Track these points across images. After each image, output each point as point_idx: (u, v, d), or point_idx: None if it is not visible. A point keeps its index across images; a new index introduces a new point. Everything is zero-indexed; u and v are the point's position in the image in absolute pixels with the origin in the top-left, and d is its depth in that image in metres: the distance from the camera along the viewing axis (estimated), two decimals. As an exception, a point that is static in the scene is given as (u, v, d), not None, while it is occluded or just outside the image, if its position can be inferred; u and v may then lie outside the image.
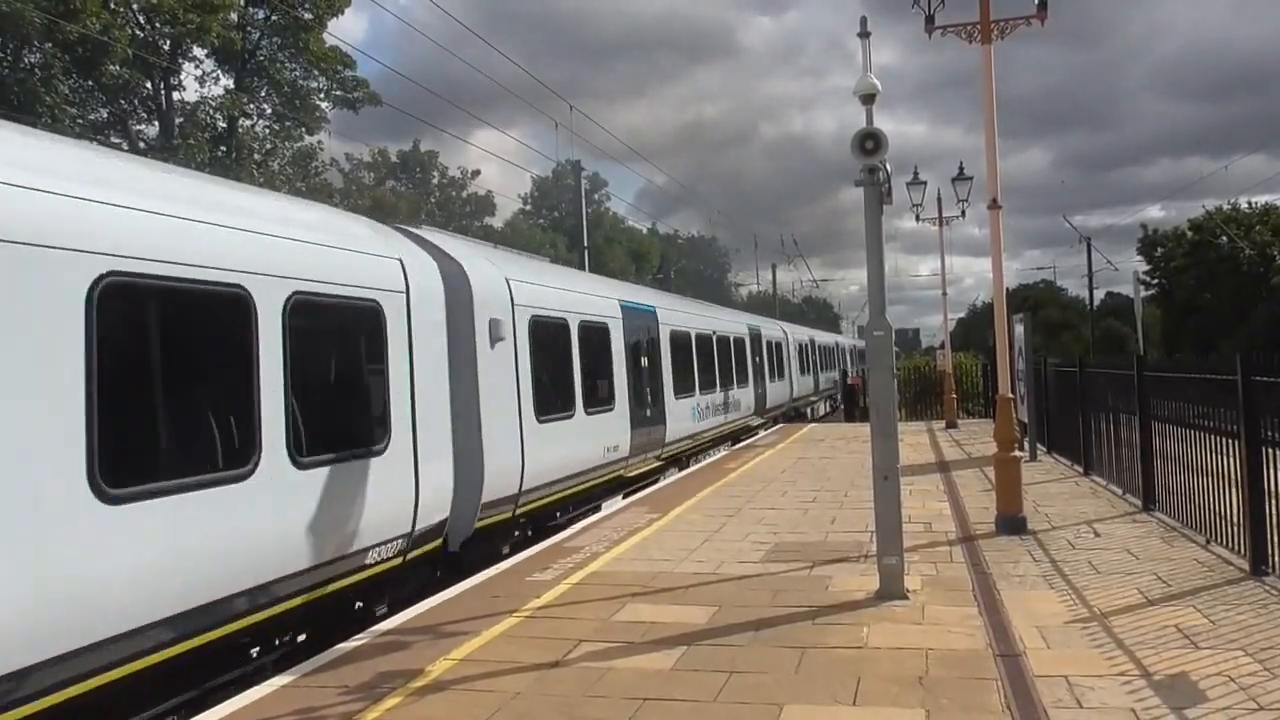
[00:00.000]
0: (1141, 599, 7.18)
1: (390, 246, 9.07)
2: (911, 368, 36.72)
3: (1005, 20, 10.78)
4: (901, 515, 7.74)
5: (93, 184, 5.77)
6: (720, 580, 8.38)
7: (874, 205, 7.81)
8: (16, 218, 5.13)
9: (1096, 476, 13.30)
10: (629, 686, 5.74)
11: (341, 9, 31.43)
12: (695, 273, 79.78)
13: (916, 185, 22.39)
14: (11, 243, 5.07)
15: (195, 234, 6.40)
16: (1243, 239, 52.49)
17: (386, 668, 6.28)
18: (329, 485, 7.38)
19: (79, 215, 5.53)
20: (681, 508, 12.52)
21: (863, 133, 7.70)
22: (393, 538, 8.35)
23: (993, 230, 11.19)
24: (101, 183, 5.88)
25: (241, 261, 6.72)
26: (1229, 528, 8.18)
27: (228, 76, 31.01)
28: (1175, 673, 5.59)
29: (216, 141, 29.84)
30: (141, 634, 5.67)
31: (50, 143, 6.36)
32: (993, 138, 10.90)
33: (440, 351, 9.43)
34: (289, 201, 9.80)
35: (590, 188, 59.08)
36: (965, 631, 6.58)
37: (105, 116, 28.93)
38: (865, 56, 8.33)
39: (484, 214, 61.98)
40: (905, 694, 5.45)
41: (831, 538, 10.11)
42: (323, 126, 33.25)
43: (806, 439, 22.63)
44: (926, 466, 16.08)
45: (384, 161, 58.18)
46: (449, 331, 9.67)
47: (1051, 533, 9.85)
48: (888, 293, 8.04)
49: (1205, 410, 8.78)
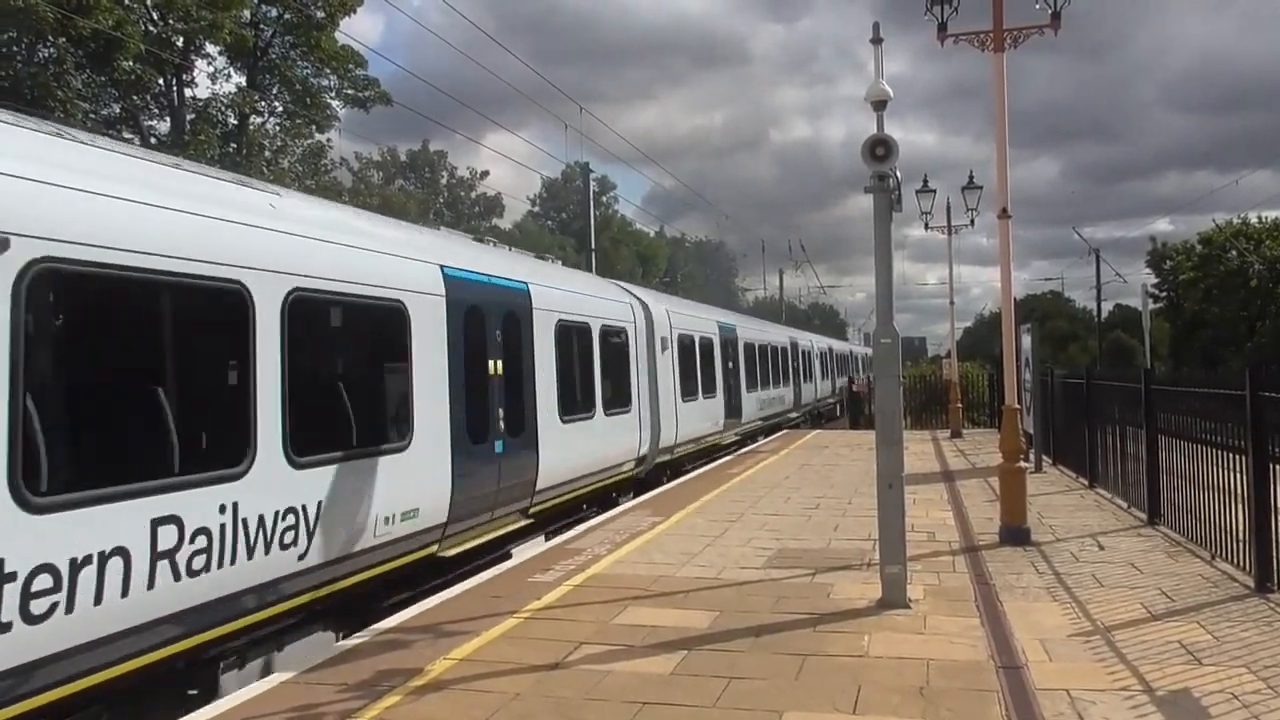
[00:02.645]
0: (1145, 613, 7.14)
1: (625, 295, 16.81)
2: (917, 376, 36.66)
3: (1018, 29, 10.75)
4: (905, 524, 7.72)
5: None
6: (722, 585, 8.36)
7: (883, 212, 7.80)
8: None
9: (1101, 489, 13.25)
10: (628, 690, 5.73)
11: (354, 8, 31.46)
12: (702, 277, 79.72)
13: (926, 193, 22.38)
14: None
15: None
16: (1252, 253, 52.30)
17: (386, 666, 6.27)
18: (615, 427, 14.72)
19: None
20: (684, 512, 12.50)
21: (873, 139, 7.68)
22: (631, 459, 15.71)
23: (1001, 240, 11.17)
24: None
25: (588, 310, 14.04)
26: (1234, 543, 8.13)
27: (239, 74, 31.11)
28: (1178, 688, 5.56)
29: (227, 138, 29.90)
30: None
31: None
32: (1003, 146, 10.87)
33: (647, 357, 16.71)
34: (589, 279, 17.92)
35: (599, 190, 59.23)
36: (967, 642, 6.55)
37: (118, 112, 29.00)
38: (877, 62, 8.31)
39: (492, 215, 62.11)
40: (906, 704, 5.42)
41: (834, 545, 10.08)
42: (333, 125, 33.33)
43: (810, 445, 22.57)
44: (931, 475, 16.03)
45: (393, 161, 58.31)
46: (647, 344, 16.77)
47: (1055, 545, 9.81)
48: (895, 300, 8.01)
49: (1212, 425, 8.74)
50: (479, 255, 11.42)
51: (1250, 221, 54.55)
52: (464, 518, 9.65)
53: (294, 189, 24.60)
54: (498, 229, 59.94)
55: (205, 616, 6.20)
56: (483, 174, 61.43)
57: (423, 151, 59.47)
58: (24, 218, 5.10)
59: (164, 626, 5.87)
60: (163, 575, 5.79)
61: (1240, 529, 7.95)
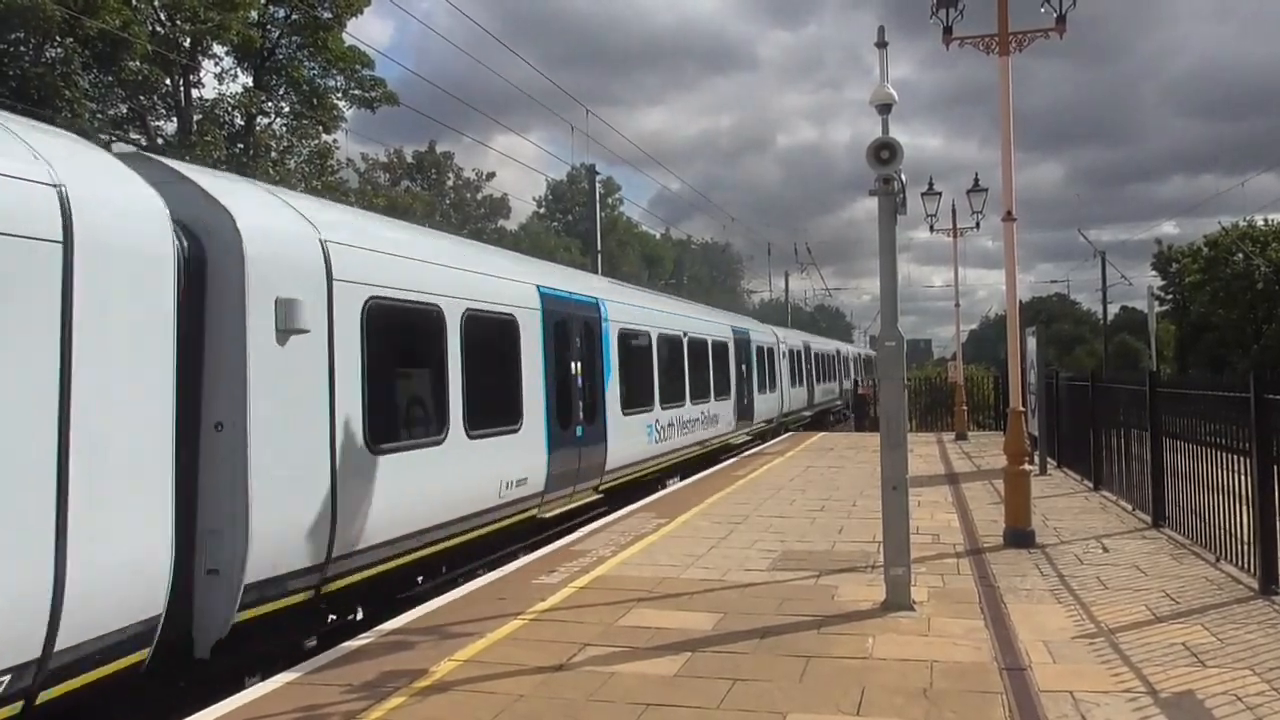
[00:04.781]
0: (1149, 615, 7.15)
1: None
2: (922, 378, 36.63)
3: (1023, 32, 10.75)
4: (909, 526, 7.72)
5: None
6: (726, 587, 8.37)
7: (888, 215, 7.81)
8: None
9: (1106, 492, 13.23)
10: (632, 691, 5.75)
11: (360, 9, 31.52)
12: (708, 279, 79.69)
13: (931, 196, 22.34)
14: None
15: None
16: (1258, 256, 52.18)
17: (391, 667, 6.29)
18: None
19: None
20: (689, 514, 12.51)
21: (878, 142, 7.69)
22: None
23: (1007, 242, 11.16)
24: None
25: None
26: (1239, 546, 8.13)
27: (246, 74, 31.18)
28: (1181, 690, 5.56)
29: (233, 139, 29.98)
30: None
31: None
32: (1009, 150, 10.87)
33: (777, 361, 26.09)
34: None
35: (604, 192, 59.23)
36: (971, 644, 6.55)
37: (124, 112, 29.10)
38: (882, 66, 8.30)
39: (498, 216, 62.07)
40: (909, 706, 5.43)
41: (839, 547, 10.09)
42: (340, 125, 33.39)
43: (816, 448, 22.58)
44: (935, 478, 16.02)
45: (399, 162, 58.27)
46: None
47: (1060, 547, 9.81)
48: (900, 303, 8.03)
49: (1217, 427, 8.74)
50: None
51: (1256, 224, 54.49)
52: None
53: (300, 190, 24.68)
54: (504, 230, 60.01)
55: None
56: (489, 175, 61.24)
57: (429, 153, 59.40)
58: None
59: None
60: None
61: (1245, 531, 7.95)
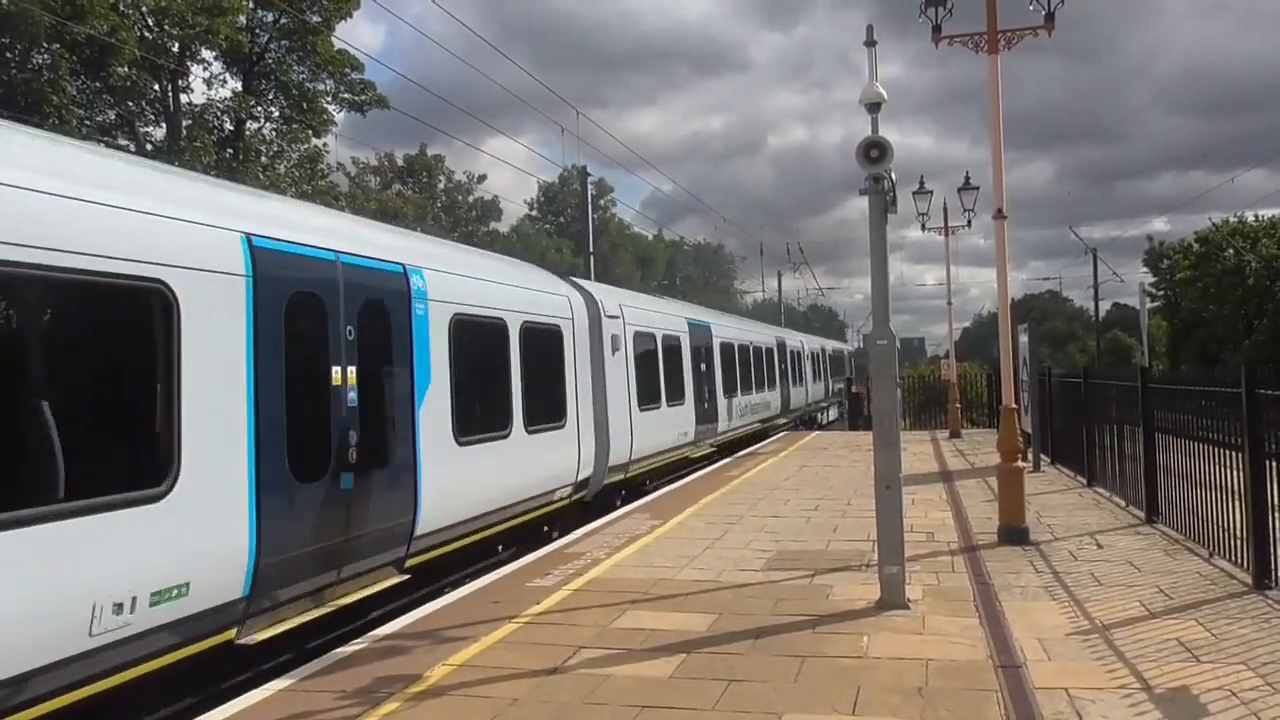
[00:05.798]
0: (1143, 611, 7.15)
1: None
2: (916, 377, 36.71)
3: (1012, 30, 10.78)
4: (904, 524, 7.72)
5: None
6: (721, 588, 8.36)
7: (879, 213, 7.80)
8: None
9: (1100, 488, 13.26)
10: (627, 694, 5.73)
11: (349, 12, 31.43)
12: (701, 279, 79.69)
13: (922, 195, 22.40)
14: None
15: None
16: (1249, 252, 52.35)
17: (385, 673, 6.26)
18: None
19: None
20: (683, 515, 12.50)
21: (867, 141, 7.69)
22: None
23: (998, 240, 11.17)
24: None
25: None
26: (1232, 541, 8.14)
27: (235, 79, 31.08)
28: (1176, 686, 5.56)
29: (223, 144, 29.85)
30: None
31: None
32: (999, 148, 10.89)
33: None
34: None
35: (596, 193, 59.20)
36: (966, 642, 6.55)
37: (113, 118, 28.97)
38: (871, 65, 8.31)
39: (490, 219, 61.96)
40: (905, 704, 5.42)
41: (833, 546, 10.09)
42: (330, 129, 33.29)
43: (810, 447, 22.58)
44: (930, 476, 16.03)
45: (390, 166, 58.11)
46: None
47: (1054, 544, 9.82)
48: (892, 302, 8.03)
49: (1209, 423, 8.75)
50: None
51: (1246, 220, 54.65)
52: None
53: (290, 194, 24.59)
54: (495, 233, 59.90)
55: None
56: (480, 178, 61.08)
57: (420, 156, 59.23)
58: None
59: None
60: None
61: (1238, 526, 7.96)
